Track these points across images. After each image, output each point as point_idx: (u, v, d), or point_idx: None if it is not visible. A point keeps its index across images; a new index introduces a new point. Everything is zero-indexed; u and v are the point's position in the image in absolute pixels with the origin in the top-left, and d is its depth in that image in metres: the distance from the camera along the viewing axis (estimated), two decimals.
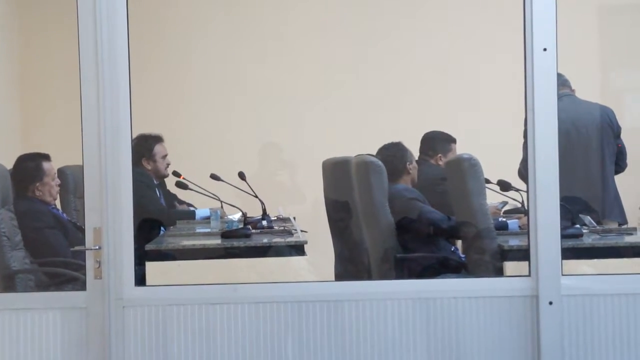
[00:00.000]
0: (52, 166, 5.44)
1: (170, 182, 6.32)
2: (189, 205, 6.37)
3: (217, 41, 7.46)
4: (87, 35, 3.85)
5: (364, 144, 5.78)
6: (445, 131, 6.04)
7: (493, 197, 5.54)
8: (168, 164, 6.20)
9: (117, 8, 3.86)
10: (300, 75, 7.32)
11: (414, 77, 7.31)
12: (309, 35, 7.36)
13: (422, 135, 6.02)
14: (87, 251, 3.86)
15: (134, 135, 3.97)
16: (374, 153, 5.60)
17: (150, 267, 4.72)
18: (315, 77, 7.31)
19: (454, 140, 6.01)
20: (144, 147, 6.03)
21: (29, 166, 5.39)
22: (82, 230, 3.97)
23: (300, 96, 7.31)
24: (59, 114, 6.44)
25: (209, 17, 7.49)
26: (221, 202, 6.11)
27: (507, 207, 5.88)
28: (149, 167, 6.09)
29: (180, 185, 6.11)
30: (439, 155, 5.91)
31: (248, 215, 5.67)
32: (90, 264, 3.86)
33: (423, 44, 7.36)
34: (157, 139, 6.16)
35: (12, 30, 7.33)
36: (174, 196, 6.32)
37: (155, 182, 6.10)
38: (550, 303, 3.84)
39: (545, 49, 3.82)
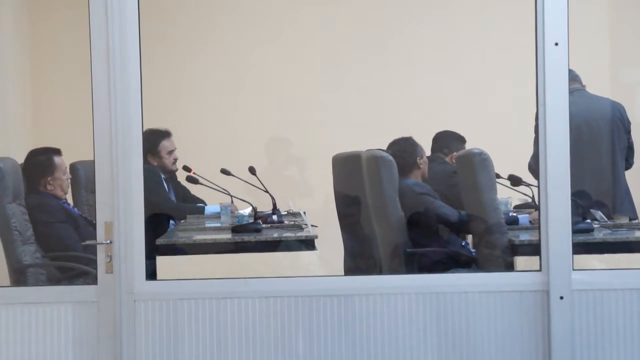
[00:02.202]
0: (63, 160, 5.45)
1: (180, 177, 6.31)
2: (200, 201, 6.35)
3: (227, 37, 7.46)
4: (99, 31, 3.86)
5: (374, 138, 5.78)
6: (458, 124, 6.05)
7: (504, 192, 5.54)
8: (175, 159, 6.18)
9: (128, 6, 3.86)
10: (310, 70, 7.32)
11: (424, 72, 7.31)
12: (319, 29, 7.35)
13: (435, 134, 6.02)
14: (98, 245, 3.87)
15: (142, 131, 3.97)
16: (385, 148, 5.59)
17: (161, 261, 4.73)
18: (326, 72, 7.31)
19: (465, 141, 6.03)
20: (149, 142, 5.98)
21: (41, 160, 5.40)
22: (93, 225, 3.98)
23: (310, 91, 7.31)
24: (70, 110, 6.46)
25: (219, 13, 7.49)
26: (231, 196, 6.11)
27: (517, 202, 5.88)
28: (155, 163, 6.07)
29: (191, 180, 6.11)
30: (454, 153, 5.93)
31: (258, 210, 5.68)
32: (101, 258, 3.88)
33: (433, 38, 7.35)
34: (163, 135, 6.13)
35: (23, 26, 7.34)
36: (187, 191, 6.31)
37: (163, 176, 6.09)
38: (561, 298, 3.84)
39: (556, 44, 3.81)
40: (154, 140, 6.04)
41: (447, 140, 5.99)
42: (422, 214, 5.34)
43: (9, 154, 5.47)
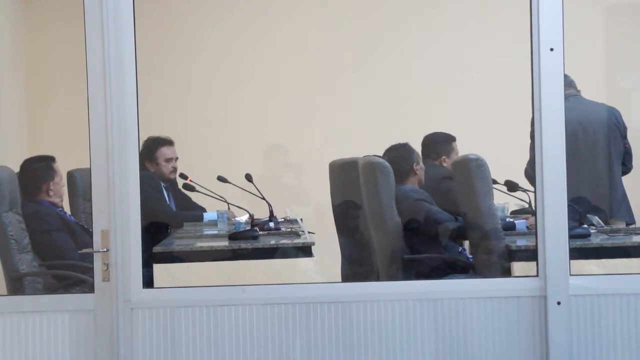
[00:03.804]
0: (59, 167, 5.46)
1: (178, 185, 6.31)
2: (201, 208, 6.34)
3: (223, 43, 7.46)
4: (94, 38, 3.86)
5: (370, 145, 5.78)
6: (454, 130, 6.04)
7: (500, 198, 5.54)
8: (174, 168, 6.18)
9: (124, 12, 3.87)
10: (306, 77, 7.33)
11: (420, 77, 7.31)
12: (315, 36, 7.36)
13: (423, 138, 6.01)
14: (95, 253, 3.87)
15: (144, 138, 3.98)
16: (381, 154, 5.60)
17: (158, 269, 4.72)
18: (322, 78, 7.32)
19: (454, 139, 6.02)
20: (148, 149, 6.02)
21: (41, 167, 5.41)
22: (89, 233, 3.97)
23: (307, 97, 7.32)
24: (66, 118, 6.45)
25: (215, 19, 7.50)
26: (228, 204, 6.11)
27: (514, 208, 5.88)
28: (152, 170, 6.08)
29: (187, 187, 6.11)
30: (443, 157, 5.93)
31: (255, 217, 5.67)
32: (98, 266, 3.87)
33: (429, 44, 7.36)
34: (163, 142, 6.14)
35: (19, 34, 7.34)
36: (188, 198, 6.31)
37: (162, 184, 6.10)
38: (559, 303, 3.84)
39: (552, 49, 3.82)
40: (152, 146, 6.06)
41: (435, 145, 5.95)
42: (419, 220, 5.34)
43: (4, 164, 5.46)
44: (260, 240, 5.27)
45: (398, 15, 7.43)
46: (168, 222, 5.94)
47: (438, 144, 5.97)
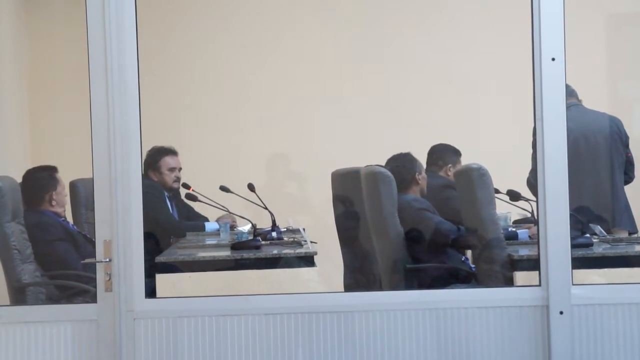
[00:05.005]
0: (61, 177, 5.47)
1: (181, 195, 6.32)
2: (204, 218, 6.35)
3: (224, 52, 7.47)
4: (97, 47, 3.87)
5: (373, 154, 5.79)
6: (456, 139, 6.06)
7: (503, 207, 5.54)
8: (177, 177, 6.19)
9: (126, 20, 3.88)
10: (308, 86, 7.33)
11: (422, 87, 7.32)
12: (317, 45, 7.37)
13: (430, 147, 6.02)
14: (97, 264, 3.87)
15: (147, 148, 3.98)
16: (383, 164, 5.60)
17: (161, 279, 4.72)
18: (324, 88, 7.32)
19: (460, 154, 6.03)
20: (151, 158, 6.05)
21: (43, 176, 5.42)
22: (92, 243, 3.98)
23: (309, 107, 7.32)
24: (67, 127, 6.46)
25: (216, 28, 7.51)
26: (231, 213, 6.11)
27: (517, 217, 5.89)
28: (156, 179, 6.10)
29: (190, 197, 6.12)
30: (449, 166, 5.93)
31: (258, 227, 5.68)
32: (100, 276, 3.88)
33: (431, 54, 7.37)
34: (166, 152, 6.16)
35: (22, 42, 7.35)
36: (190, 208, 6.32)
37: (165, 194, 6.11)
38: (561, 313, 3.84)
39: (553, 59, 3.82)
40: (156, 155, 6.09)
41: (441, 153, 5.97)
42: (421, 230, 5.34)
43: (7, 174, 5.47)
44: (262, 250, 5.26)
45: (400, 24, 7.43)
46: (171, 232, 5.94)
47: (447, 152, 5.99)
